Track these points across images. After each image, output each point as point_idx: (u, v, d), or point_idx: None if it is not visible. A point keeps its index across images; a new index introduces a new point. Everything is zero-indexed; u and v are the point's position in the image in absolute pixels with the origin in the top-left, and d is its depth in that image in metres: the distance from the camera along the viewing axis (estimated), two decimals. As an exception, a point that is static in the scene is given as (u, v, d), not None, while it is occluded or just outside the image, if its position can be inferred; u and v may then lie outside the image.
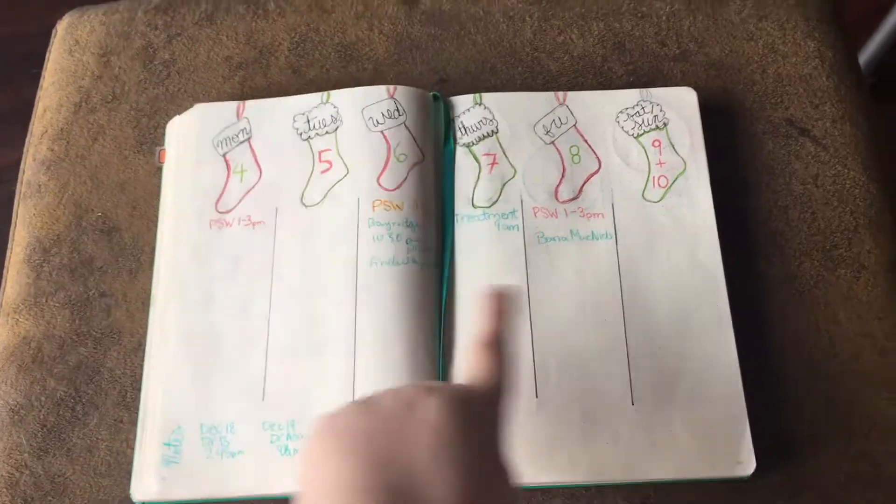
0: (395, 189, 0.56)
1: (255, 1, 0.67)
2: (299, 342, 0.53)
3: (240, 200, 0.58)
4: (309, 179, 0.58)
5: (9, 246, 0.61)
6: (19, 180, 0.63)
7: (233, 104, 0.60)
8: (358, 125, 0.58)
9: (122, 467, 0.53)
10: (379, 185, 0.56)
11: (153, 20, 0.67)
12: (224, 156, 0.59)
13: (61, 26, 0.68)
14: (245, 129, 0.59)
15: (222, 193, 0.58)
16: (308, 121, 0.59)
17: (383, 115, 0.58)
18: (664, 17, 0.66)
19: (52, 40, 0.68)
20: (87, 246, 0.59)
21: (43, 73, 0.67)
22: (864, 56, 1.15)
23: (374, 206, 0.56)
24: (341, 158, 0.57)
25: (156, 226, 0.59)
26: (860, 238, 0.58)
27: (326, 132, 0.59)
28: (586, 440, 0.51)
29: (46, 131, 0.64)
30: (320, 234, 0.56)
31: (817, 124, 0.61)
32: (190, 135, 0.60)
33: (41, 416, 0.55)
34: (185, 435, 0.52)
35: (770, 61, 0.64)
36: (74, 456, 0.54)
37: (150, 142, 0.62)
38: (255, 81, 0.64)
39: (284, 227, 0.56)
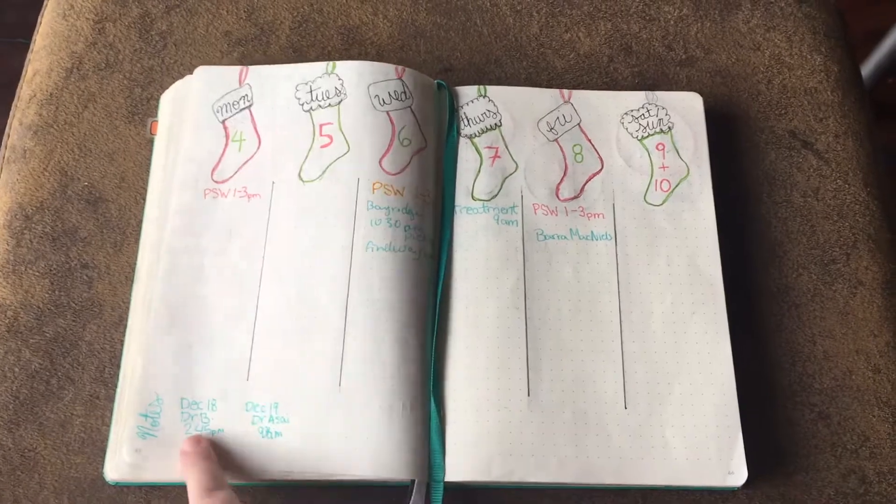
0: (396, 173, 0.55)
1: (259, -23, 0.66)
2: (288, 322, 0.51)
3: (236, 171, 0.56)
4: (308, 154, 0.55)
5: (-11, 210, 0.59)
6: (3, 144, 0.61)
7: (235, 69, 0.58)
8: (363, 101, 0.56)
9: (97, 445, 0.51)
10: (381, 167, 0.55)
11: (152, -11, 0.65)
12: (223, 122, 0.57)
13: (55, -11, 0.66)
14: (246, 95, 0.58)
15: (219, 162, 0.56)
16: (311, 91, 0.57)
17: (390, 95, 0.56)
18: (672, 22, 0.65)
19: (45, 3, 0.66)
20: (71, 215, 0.57)
21: (34, 36, 0.65)
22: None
23: (373, 188, 0.54)
24: (343, 134, 0.55)
25: (144, 199, 0.57)
26: (858, 254, 0.58)
27: (329, 105, 0.56)
28: (577, 441, 0.51)
29: (35, 95, 0.62)
30: (316, 213, 0.54)
31: (820, 138, 0.61)
32: (188, 99, 0.58)
33: (14, 388, 0.53)
34: (164, 407, 0.50)
35: (776, 72, 0.63)
36: (47, 431, 0.52)
37: (143, 113, 0.61)
38: (253, 59, 0.63)
39: (280, 203, 0.54)
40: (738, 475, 0.50)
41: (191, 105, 0.58)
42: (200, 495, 0.45)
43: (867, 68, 1.13)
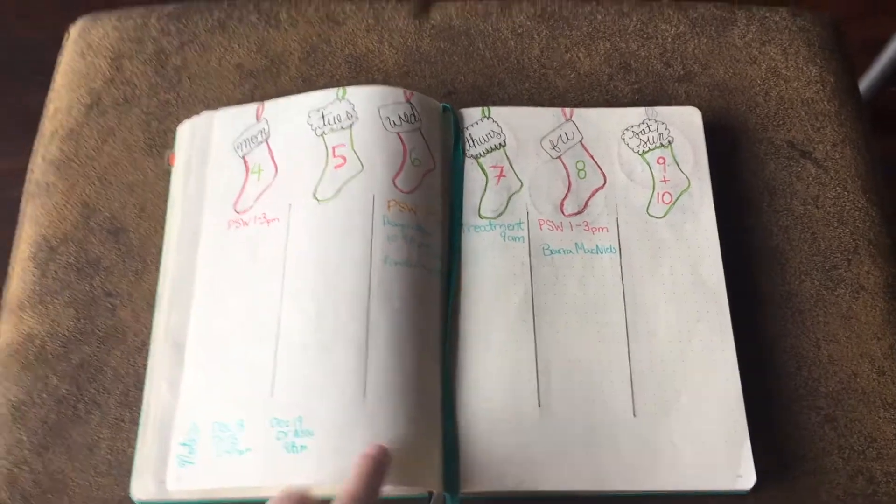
0: (410, 192, 0.57)
1: (268, 11, 0.68)
2: (309, 337, 0.52)
3: (256, 199, 0.58)
4: (322, 174, 0.57)
5: (14, 243, 0.61)
6: (27, 179, 0.63)
7: (252, 106, 0.61)
8: (374, 123, 0.58)
9: (123, 466, 0.53)
10: (394, 185, 0.56)
11: (166, 26, 0.67)
12: (243, 157, 0.59)
13: (74, 30, 0.69)
14: (264, 129, 0.60)
15: (241, 194, 0.58)
16: (323, 117, 0.59)
17: (400, 117, 0.58)
18: (669, 39, 0.67)
19: (64, 43, 0.69)
20: (94, 246, 0.60)
21: (54, 75, 0.68)
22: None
23: (389, 206, 0.56)
24: (356, 154, 0.57)
25: (163, 228, 0.60)
26: (859, 259, 0.59)
27: (341, 128, 0.58)
28: (587, 450, 0.52)
29: (56, 131, 0.64)
30: (333, 229, 0.55)
31: (818, 147, 0.62)
32: (210, 140, 0.60)
33: (42, 414, 0.55)
34: (200, 434, 0.52)
35: (773, 84, 0.65)
36: (74, 454, 0.54)
37: (160, 145, 0.63)
38: (265, 89, 0.65)
39: (297, 223, 0.56)
40: (746, 479, 0.51)
41: (213, 145, 0.60)
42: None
43: (869, 77, 1.14)
